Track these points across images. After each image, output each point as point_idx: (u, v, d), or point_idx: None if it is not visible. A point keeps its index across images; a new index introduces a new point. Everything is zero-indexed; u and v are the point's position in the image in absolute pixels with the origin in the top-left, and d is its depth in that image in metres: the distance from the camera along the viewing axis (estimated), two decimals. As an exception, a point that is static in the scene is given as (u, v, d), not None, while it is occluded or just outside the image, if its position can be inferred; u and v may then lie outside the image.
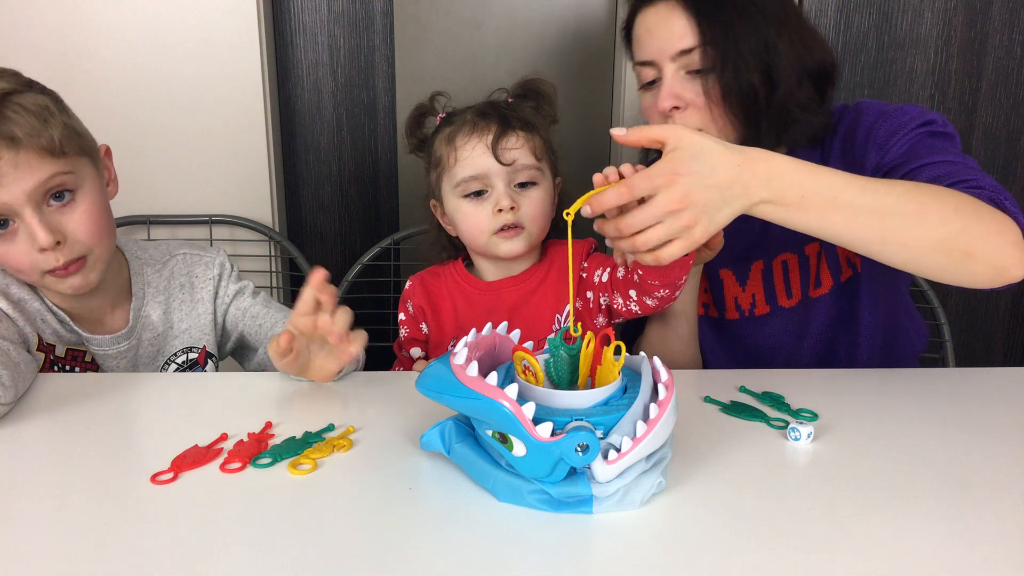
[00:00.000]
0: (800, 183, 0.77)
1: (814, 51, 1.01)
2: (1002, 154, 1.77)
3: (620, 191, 0.73)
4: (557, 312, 1.08)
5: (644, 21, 1.02)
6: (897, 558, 0.57)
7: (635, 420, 0.63)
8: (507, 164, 1.03)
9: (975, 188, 0.86)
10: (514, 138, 1.03)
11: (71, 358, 1.02)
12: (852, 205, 0.78)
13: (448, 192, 1.07)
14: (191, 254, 1.15)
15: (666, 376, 0.67)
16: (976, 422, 0.80)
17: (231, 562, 0.57)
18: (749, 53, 0.95)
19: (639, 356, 0.72)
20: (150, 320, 1.09)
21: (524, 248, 1.06)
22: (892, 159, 0.98)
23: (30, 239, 0.92)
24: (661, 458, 0.66)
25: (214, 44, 1.60)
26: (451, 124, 1.07)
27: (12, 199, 0.89)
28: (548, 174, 1.08)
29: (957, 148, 0.98)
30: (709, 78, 0.97)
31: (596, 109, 1.16)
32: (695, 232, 0.74)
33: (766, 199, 0.77)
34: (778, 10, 0.98)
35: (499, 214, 1.03)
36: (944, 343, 1.44)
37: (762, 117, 0.97)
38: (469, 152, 1.04)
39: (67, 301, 1.01)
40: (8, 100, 0.89)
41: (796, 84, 0.98)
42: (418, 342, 1.17)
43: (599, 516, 0.62)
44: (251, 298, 1.16)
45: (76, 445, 0.76)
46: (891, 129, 0.99)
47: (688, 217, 0.73)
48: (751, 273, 1.12)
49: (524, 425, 0.60)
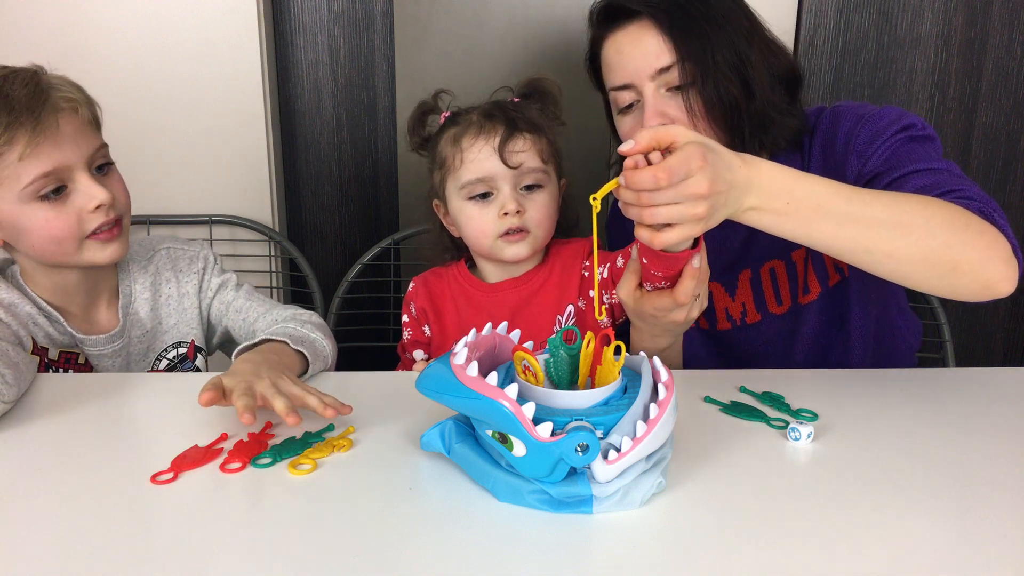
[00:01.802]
0: (787, 190, 0.77)
1: (779, 56, 1.01)
2: (1002, 154, 1.77)
3: (658, 176, 0.71)
4: (558, 314, 1.08)
5: (615, 44, 1.01)
6: (897, 558, 0.57)
7: (635, 420, 0.63)
8: (514, 167, 1.02)
9: (964, 199, 0.85)
10: (521, 140, 1.03)
11: (64, 361, 1.02)
12: (838, 214, 0.78)
13: (453, 194, 1.07)
14: (174, 248, 1.15)
15: (666, 376, 0.67)
16: (976, 422, 0.80)
17: (231, 562, 0.57)
18: (725, 64, 0.95)
19: (639, 356, 0.72)
20: (139, 317, 1.09)
21: (529, 252, 1.06)
22: (874, 167, 0.97)
23: (85, 199, 0.95)
24: (661, 458, 0.66)
25: (214, 44, 1.60)
26: (457, 124, 1.06)
27: (72, 160, 0.94)
28: (554, 176, 1.07)
29: (939, 152, 0.98)
30: (690, 93, 0.97)
31: (596, 109, 1.16)
32: (697, 226, 0.74)
33: (754, 205, 0.77)
34: (744, 20, 0.99)
35: (504, 217, 1.03)
36: (944, 343, 1.43)
37: (744, 125, 0.98)
38: (475, 154, 1.03)
39: (61, 299, 1.02)
40: (46, 76, 0.97)
41: (770, 89, 0.98)
42: (421, 344, 1.17)
43: (599, 516, 0.62)
44: (234, 291, 1.15)
45: (76, 445, 0.76)
46: (870, 135, 0.99)
47: (703, 208, 0.72)
48: (739, 282, 1.12)
49: (524, 425, 0.60)
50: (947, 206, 0.82)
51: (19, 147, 0.90)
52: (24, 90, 0.92)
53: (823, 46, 1.71)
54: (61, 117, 0.93)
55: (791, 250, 1.08)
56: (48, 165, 0.92)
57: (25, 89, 0.92)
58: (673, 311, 0.85)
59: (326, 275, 1.77)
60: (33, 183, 0.92)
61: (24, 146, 0.90)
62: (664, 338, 0.96)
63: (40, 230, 0.95)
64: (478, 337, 0.70)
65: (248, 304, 1.14)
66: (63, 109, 0.94)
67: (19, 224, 0.95)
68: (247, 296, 1.15)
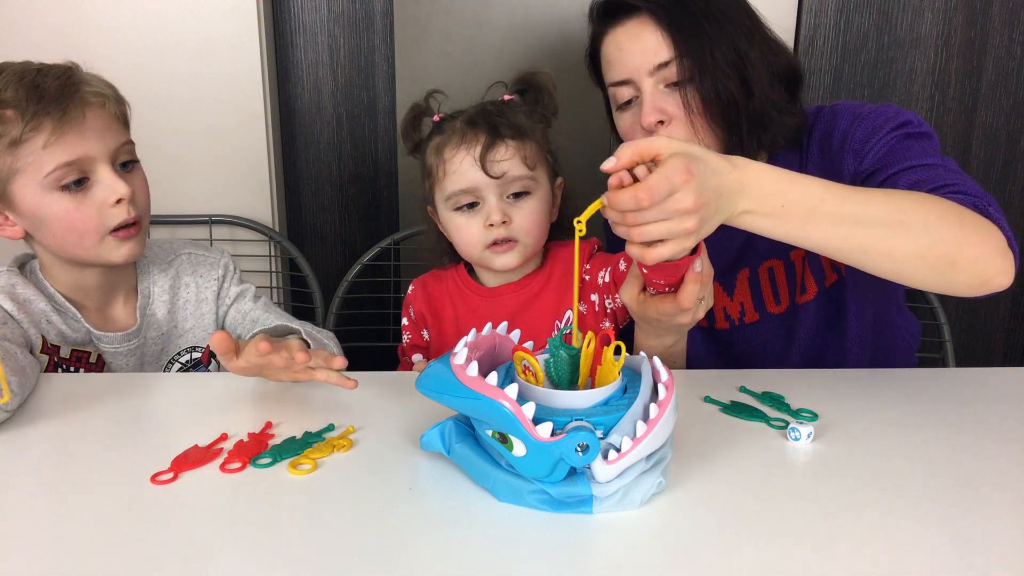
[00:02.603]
0: (781, 192, 0.76)
1: (779, 54, 1.01)
2: (1002, 154, 1.77)
3: (639, 196, 0.69)
4: (557, 319, 1.08)
5: (614, 40, 1.01)
6: (897, 558, 0.57)
7: (635, 420, 0.63)
8: (496, 177, 1.00)
9: (959, 194, 0.85)
10: (503, 148, 1.01)
11: (76, 359, 1.02)
12: (833, 215, 0.77)
13: (440, 203, 1.06)
14: (196, 254, 1.16)
15: (666, 376, 0.66)
16: (976, 422, 0.80)
17: (231, 562, 0.57)
18: (724, 62, 0.95)
19: (639, 356, 0.71)
20: (156, 319, 1.09)
21: (518, 261, 1.04)
22: (870, 164, 0.97)
23: (106, 192, 0.96)
24: (661, 458, 0.66)
25: (214, 44, 1.60)
26: (441, 133, 1.05)
27: (96, 153, 0.95)
28: (544, 180, 1.05)
29: (936, 148, 0.98)
30: (688, 90, 0.96)
31: (596, 109, 1.16)
32: (689, 239, 0.73)
33: (748, 209, 0.76)
34: (744, 18, 0.99)
35: (490, 228, 1.01)
36: (944, 343, 1.43)
37: (742, 123, 0.97)
38: (457, 165, 1.02)
39: (78, 294, 1.03)
40: (80, 72, 0.98)
41: (769, 88, 0.98)
42: (420, 348, 1.17)
43: (599, 516, 0.62)
44: (252, 302, 1.16)
45: (76, 445, 0.76)
46: (867, 133, 0.99)
47: (692, 222, 0.71)
48: (737, 282, 1.12)
49: (524, 425, 0.60)
50: (942, 202, 0.81)
51: (44, 135, 0.92)
52: (56, 82, 0.94)
53: (823, 46, 1.71)
54: (88, 110, 0.95)
55: (790, 250, 1.08)
56: (71, 155, 0.93)
57: (56, 81, 0.95)
58: (678, 315, 0.85)
59: (326, 275, 1.77)
60: (55, 171, 0.93)
61: (49, 134, 0.92)
62: (670, 336, 0.96)
63: (60, 220, 0.95)
64: (478, 337, 0.70)
65: (265, 316, 1.15)
66: (91, 103, 0.96)
67: (40, 213, 0.95)
68: (264, 308, 1.16)
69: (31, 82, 0.93)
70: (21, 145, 0.92)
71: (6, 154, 0.92)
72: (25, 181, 0.94)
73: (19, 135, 0.91)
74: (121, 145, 0.99)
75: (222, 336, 0.83)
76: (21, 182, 0.94)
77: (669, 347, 0.97)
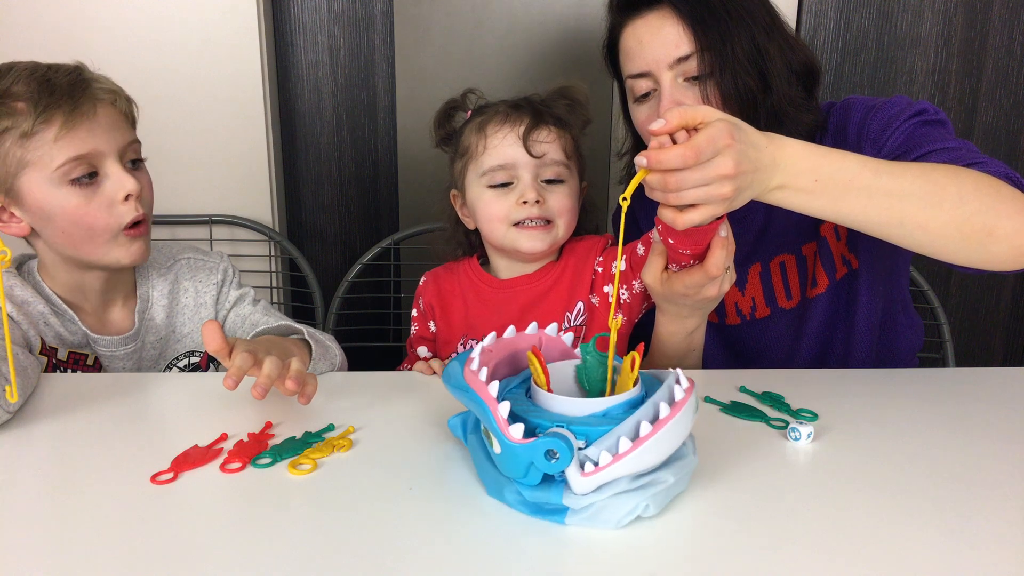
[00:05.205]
0: (815, 167, 0.76)
1: (797, 51, 1.01)
2: (1002, 154, 1.77)
3: (685, 154, 0.70)
4: (568, 311, 1.07)
5: (634, 32, 1.00)
6: (897, 558, 0.57)
7: (620, 436, 0.59)
8: (537, 156, 1.01)
9: (987, 170, 0.84)
10: (546, 131, 1.03)
11: (73, 361, 1.02)
12: (868, 188, 0.77)
13: (472, 181, 1.06)
14: (195, 258, 1.16)
15: (680, 395, 0.61)
16: (976, 422, 0.80)
17: (231, 562, 0.57)
18: (744, 57, 0.95)
19: (668, 371, 0.66)
20: (154, 323, 1.09)
21: (547, 246, 1.04)
22: (889, 152, 0.97)
23: (115, 187, 0.97)
24: (653, 482, 0.61)
25: (214, 44, 1.60)
26: (483, 114, 1.07)
27: (106, 148, 0.96)
28: (575, 174, 1.07)
29: (951, 135, 0.97)
30: (707, 84, 0.96)
31: (596, 110, 1.16)
32: (722, 205, 0.73)
33: (781, 184, 0.76)
34: (764, 14, 0.99)
35: (523, 206, 1.02)
36: (944, 343, 1.44)
37: (760, 118, 0.97)
38: (499, 141, 1.03)
39: (76, 296, 1.03)
40: (89, 72, 1.00)
41: (787, 84, 0.98)
42: (426, 340, 1.17)
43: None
44: (251, 305, 1.16)
45: (76, 445, 0.76)
46: (883, 123, 0.99)
47: (729, 188, 0.72)
48: (749, 276, 1.12)
49: (498, 423, 0.60)
50: (975, 174, 0.81)
51: (55, 128, 0.92)
52: (66, 78, 0.96)
53: (823, 46, 1.71)
54: (99, 105, 0.96)
55: (801, 244, 1.08)
56: (81, 149, 0.94)
57: (67, 77, 0.96)
58: (705, 286, 0.85)
59: (326, 275, 1.77)
60: (65, 165, 0.93)
61: (59, 128, 0.92)
62: (693, 318, 0.96)
63: (69, 215, 0.95)
64: (498, 341, 0.70)
65: (265, 319, 1.14)
66: (102, 99, 0.97)
67: (48, 209, 0.95)
68: (264, 312, 1.16)
69: (42, 76, 0.94)
70: (32, 138, 0.92)
71: (16, 146, 0.92)
72: (34, 175, 0.94)
73: (30, 127, 0.91)
74: (129, 143, 1.00)
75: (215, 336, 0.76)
76: (30, 176, 0.94)
77: (691, 332, 0.96)
